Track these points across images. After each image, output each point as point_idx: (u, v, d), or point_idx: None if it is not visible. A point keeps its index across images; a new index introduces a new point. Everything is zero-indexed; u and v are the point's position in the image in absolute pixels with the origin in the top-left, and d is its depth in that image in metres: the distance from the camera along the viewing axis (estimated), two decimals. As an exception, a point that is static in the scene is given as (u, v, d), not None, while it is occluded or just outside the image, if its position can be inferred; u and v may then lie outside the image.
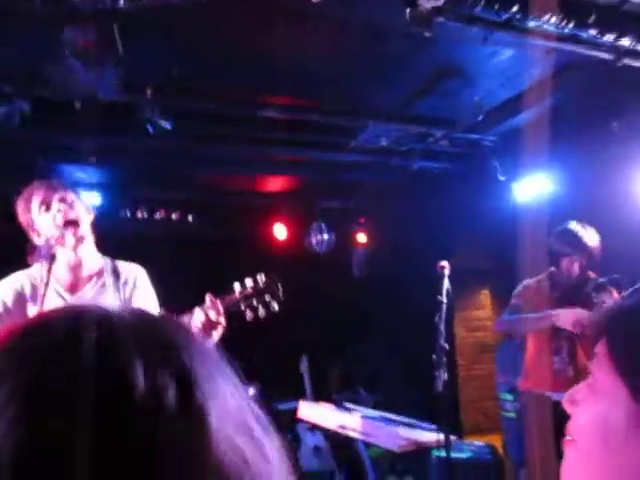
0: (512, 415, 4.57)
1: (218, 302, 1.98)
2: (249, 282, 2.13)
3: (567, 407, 0.78)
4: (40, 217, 2.04)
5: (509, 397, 4.66)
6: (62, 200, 2.04)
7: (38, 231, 2.06)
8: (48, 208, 2.03)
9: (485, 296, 6.51)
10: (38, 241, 2.06)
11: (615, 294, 3.12)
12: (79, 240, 2.06)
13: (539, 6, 2.62)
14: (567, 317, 2.99)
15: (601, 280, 3.10)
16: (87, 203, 2.22)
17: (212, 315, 1.93)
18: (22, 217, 2.08)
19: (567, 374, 3.15)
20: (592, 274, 3.18)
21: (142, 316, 0.42)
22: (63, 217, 2.02)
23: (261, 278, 2.16)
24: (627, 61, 3.08)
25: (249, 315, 2.10)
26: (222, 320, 1.96)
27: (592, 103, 3.99)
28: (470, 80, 3.80)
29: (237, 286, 2.12)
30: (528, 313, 3.26)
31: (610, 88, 3.74)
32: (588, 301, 3.08)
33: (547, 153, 3.84)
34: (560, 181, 4.56)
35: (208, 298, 1.97)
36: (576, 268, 3.16)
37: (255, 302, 2.12)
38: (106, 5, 2.45)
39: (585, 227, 3.18)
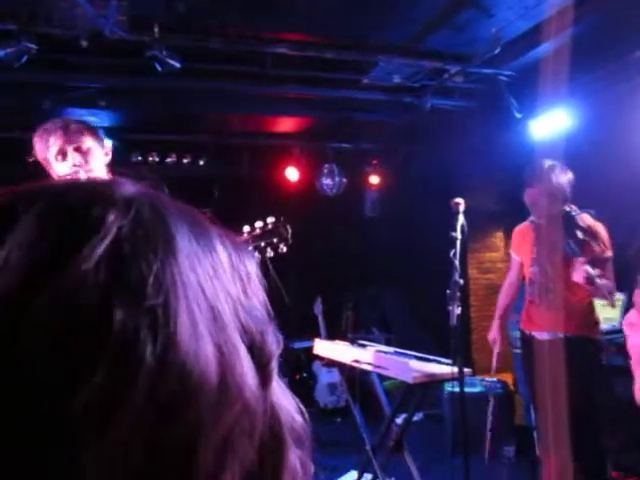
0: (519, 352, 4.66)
1: None
2: (258, 224, 2.18)
3: (626, 330, 0.85)
4: (56, 163, 2.08)
5: (518, 334, 4.73)
6: (77, 149, 2.07)
7: (54, 172, 2.10)
8: (64, 158, 2.07)
9: (499, 239, 6.48)
10: (55, 175, 2.11)
11: (589, 221, 3.17)
12: None
13: None
14: None
15: (574, 212, 3.12)
16: (105, 143, 2.22)
17: None
18: (40, 155, 2.11)
19: (538, 305, 3.27)
20: (569, 207, 3.19)
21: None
22: (78, 167, 2.06)
23: (270, 220, 2.20)
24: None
25: (257, 256, 2.14)
26: None
27: (613, 34, 3.83)
28: (487, 10, 3.66)
29: (246, 228, 2.17)
30: (520, 256, 3.47)
31: (631, 17, 3.58)
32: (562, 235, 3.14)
33: (565, 87, 3.73)
34: (578, 116, 4.44)
35: None
36: (532, 199, 3.23)
37: (263, 244, 2.17)
38: None
39: (558, 166, 3.21)
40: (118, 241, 0.34)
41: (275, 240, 2.20)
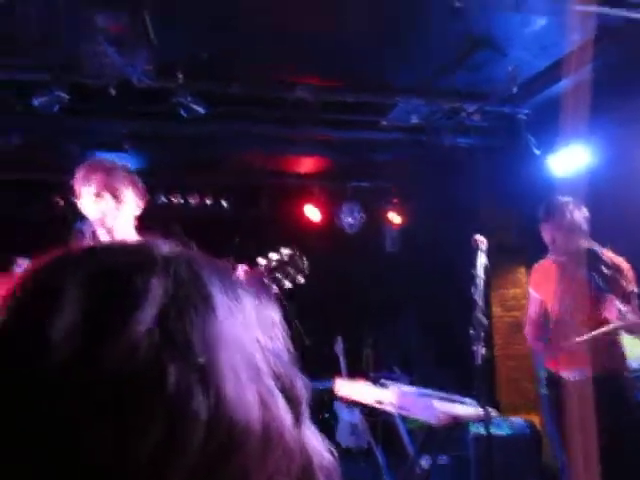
0: (547, 392, 4.54)
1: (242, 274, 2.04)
2: (274, 255, 2.18)
3: None
4: (90, 203, 2.12)
5: (544, 374, 4.63)
6: (114, 197, 2.11)
7: (82, 206, 2.15)
8: (98, 199, 2.11)
9: (522, 274, 6.41)
10: (83, 212, 2.15)
11: (612, 256, 3.13)
12: (115, 232, 2.13)
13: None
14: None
15: (595, 248, 3.09)
16: (142, 189, 2.27)
17: None
18: (77, 185, 2.15)
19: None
20: (589, 243, 3.16)
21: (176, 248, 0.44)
22: (108, 213, 2.10)
23: (285, 252, 2.20)
24: (668, 23, 2.96)
25: (274, 288, 2.13)
26: None
27: (632, 70, 3.86)
28: (502, 51, 3.72)
29: (261, 260, 2.17)
30: (540, 294, 3.38)
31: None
32: (586, 271, 3.11)
33: (585, 124, 3.74)
34: (598, 153, 4.44)
35: (242, 270, 2.03)
36: (550, 236, 3.21)
37: (280, 275, 2.16)
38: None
39: (572, 202, 3.19)
40: (164, 304, 0.36)
41: (292, 271, 2.18)
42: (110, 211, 2.11)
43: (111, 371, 0.33)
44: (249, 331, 0.40)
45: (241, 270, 2.07)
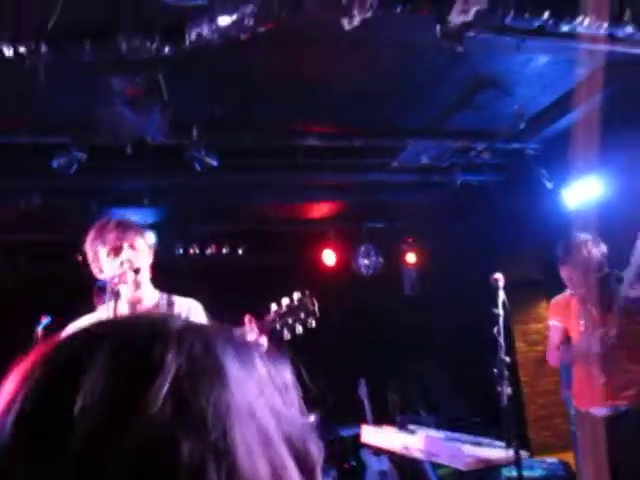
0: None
1: (253, 322, 2.05)
2: (285, 301, 2.17)
3: None
4: (107, 261, 2.13)
5: (574, 411, 4.49)
6: (131, 246, 2.14)
7: (101, 269, 2.17)
8: (117, 254, 2.12)
9: (544, 308, 6.31)
10: (98, 274, 2.17)
11: None
12: (137, 284, 2.15)
13: (572, 10, 2.60)
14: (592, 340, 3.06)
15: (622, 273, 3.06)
16: (150, 240, 2.32)
17: (251, 337, 1.99)
18: (91, 248, 2.17)
19: (593, 379, 3.11)
20: (609, 270, 3.15)
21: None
22: (129, 264, 2.11)
23: (296, 297, 2.19)
24: (669, 55, 3.00)
25: (286, 334, 2.13)
26: (262, 341, 2.03)
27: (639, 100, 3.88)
28: (507, 89, 3.78)
29: (273, 306, 2.17)
30: (561, 323, 3.34)
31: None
32: (611, 296, 3.08)
33: (596, 155, 3.74)
34: (611, 184, 4.43)
35: (247, 320, 2.04)
36: (567, 276, 3.22)
37: (291, 320, 2.15)
38: (151, 54, 2.59)
39: (590, 239, 3.20)
40: (178, 379, 0.38)
41: (302, 315, 2.17)
42: (130, 263, 2.12)
43: (128, 448, 0.34)
44: (263, 399, 0.41)
45: (246, 320, 2.07)
